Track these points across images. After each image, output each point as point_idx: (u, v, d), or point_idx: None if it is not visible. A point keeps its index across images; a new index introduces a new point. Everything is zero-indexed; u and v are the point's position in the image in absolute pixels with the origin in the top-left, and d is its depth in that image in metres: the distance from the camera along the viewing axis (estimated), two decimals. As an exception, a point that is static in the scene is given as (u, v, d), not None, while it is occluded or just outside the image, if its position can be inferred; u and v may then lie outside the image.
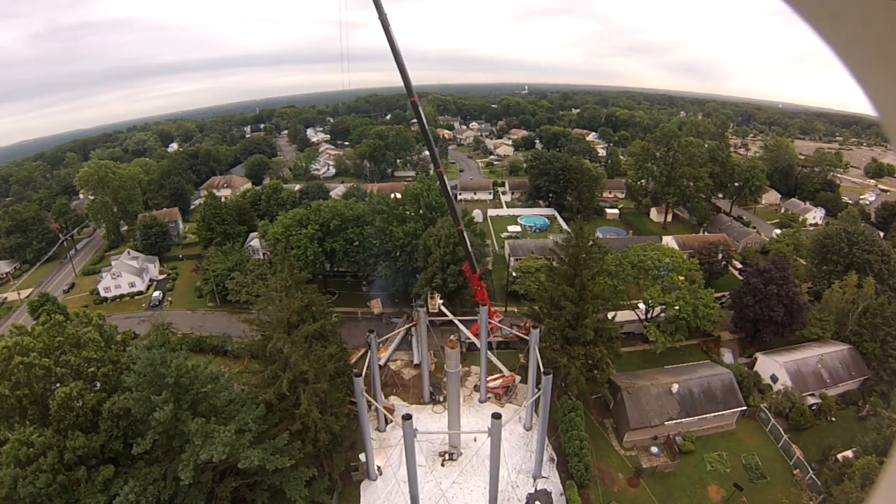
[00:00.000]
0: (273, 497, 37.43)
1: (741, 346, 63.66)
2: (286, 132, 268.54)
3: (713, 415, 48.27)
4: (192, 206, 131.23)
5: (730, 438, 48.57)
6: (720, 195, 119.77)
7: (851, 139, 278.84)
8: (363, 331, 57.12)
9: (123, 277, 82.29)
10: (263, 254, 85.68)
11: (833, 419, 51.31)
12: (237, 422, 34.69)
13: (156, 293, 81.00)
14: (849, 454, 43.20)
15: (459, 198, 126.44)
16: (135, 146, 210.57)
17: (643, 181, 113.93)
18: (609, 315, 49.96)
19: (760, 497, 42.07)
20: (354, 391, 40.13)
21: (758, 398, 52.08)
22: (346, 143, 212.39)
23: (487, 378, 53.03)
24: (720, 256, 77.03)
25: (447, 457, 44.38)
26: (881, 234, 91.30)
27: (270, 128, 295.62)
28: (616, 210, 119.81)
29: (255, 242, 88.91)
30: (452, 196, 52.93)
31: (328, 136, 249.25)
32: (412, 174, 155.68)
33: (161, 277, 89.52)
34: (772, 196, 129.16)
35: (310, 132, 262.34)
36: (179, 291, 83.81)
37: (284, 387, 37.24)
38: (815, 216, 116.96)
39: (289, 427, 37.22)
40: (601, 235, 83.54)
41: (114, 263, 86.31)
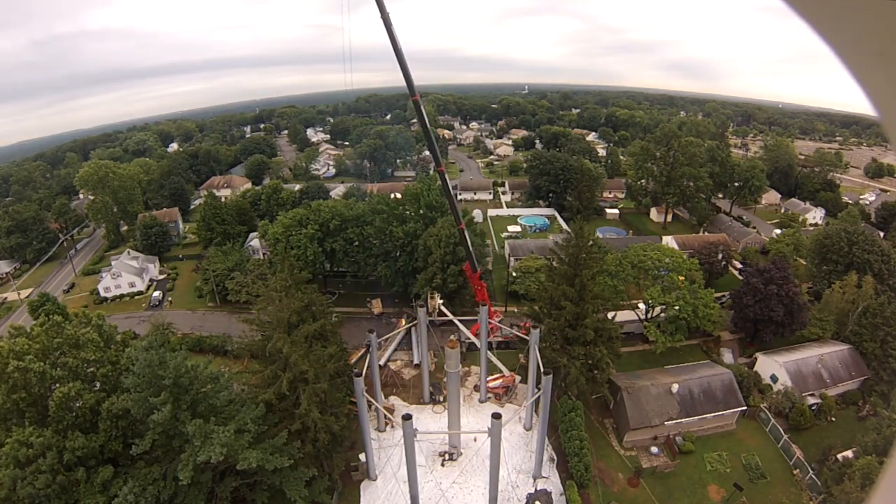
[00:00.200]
0: (273, 497, 37.41)
1: (741, 346, 63.65)
2: (286, 132, 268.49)
3: (713, 415, 48.27)
4: (192, 206, 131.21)
5: (730, 438, 48.57)
6: (720, 195, 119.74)
7: (851, 139, 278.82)
8: (363, 331, 57.17)
9: (123, 277, 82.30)
10: (263, 254, 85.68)
11: (833, 419, 51.32)
12: (237, 422, 34.65)
13: (156, 293, 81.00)
14: (849, 454, 43.17)
15: (459, 198, 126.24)
16: (135, 146, 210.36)
17: (643, 181, 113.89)
18: (609, 315, 49.95)
19: (760, 497, 42.08)
20: (354, 391, 40.15)
21: (758, 398, 52.07)
22: (346, 143, 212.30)
23: (487, 378, 53.02)
24: (720, 256, 77.02)
25: (447, 457, 44.36)
26: (881, 234, 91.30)
27: (270, 128, 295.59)
28: (616, 210, 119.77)
29: (255, 242, 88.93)
30: (453, 196, 52.92)
31: (328, 136, 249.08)
32: (412, 174, 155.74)
33: (161, 277, 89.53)
34: (772, 196, 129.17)
35: (310, 132, 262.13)
36: (179, 291, 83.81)
37: (284, 387, 37.24)
38: (815, 216, 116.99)
39: (289, 427, 37.19)
40: (601, 235, 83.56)
41: (114, 263, 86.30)
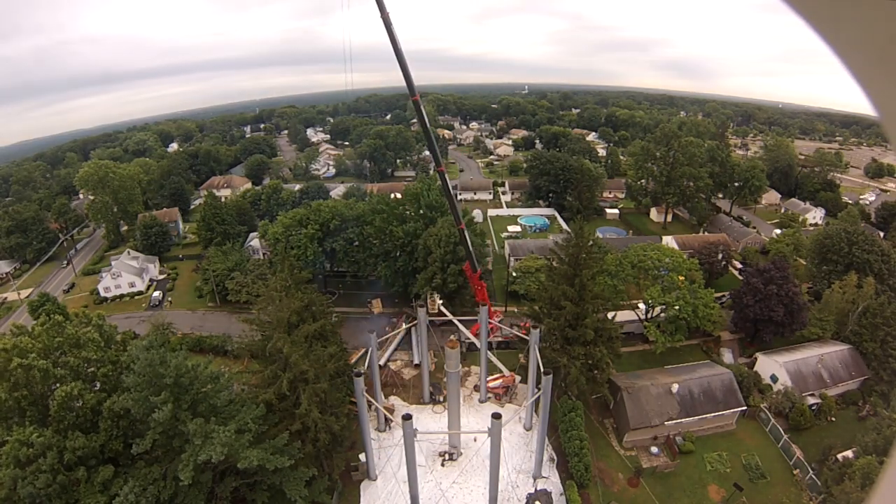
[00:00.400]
0: (273, 497, 37.40)
1: (741, 346, 63.65)
2: (286, 132, 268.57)
3: (713, 415, 48.27)
4: (192, 206, 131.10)
5: (730, 438, 48.58)
6: (720, 195, 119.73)
7: (851, 139, 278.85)
8: (363, 331, 57.17)
9: (123, 277, 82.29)
10: (263, 254, 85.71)
11: (833, 419, 51.33)
12: (237, 422, 34.65)
13: (156, 293, 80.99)
14: (849, 454, 43.17)
15: (459, 198, 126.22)
16: (135, 146, 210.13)
17: (643, 181, 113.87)
18: (609, 315, 49.93)
19: (760, 497, 42.09)
20: (354, 391, 40.16)
21: (758, 398, 52.08)
22: (346, 143, 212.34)
23: (487, 378, 53.02)
24: (720, 256, 77.04)
25: (447, 457, 44.37)
26: (881, 234, 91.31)
27: (270, 128, 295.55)
28: (616, 210, 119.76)
29: (255, 242, 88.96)
30: (453, 196, 52.99)
31: (328, 136, 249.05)
32: (412, 174, 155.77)
33: (161, 277, 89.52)
34: (772, 196, 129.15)
35: (310, 132, 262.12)
36: (179, 291, 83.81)
37: (284, 387, 37.23)
38: (815, 216, 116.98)
39: (289, 427, 37.20)
40: (601, 235, 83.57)
41: (114, 263, 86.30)
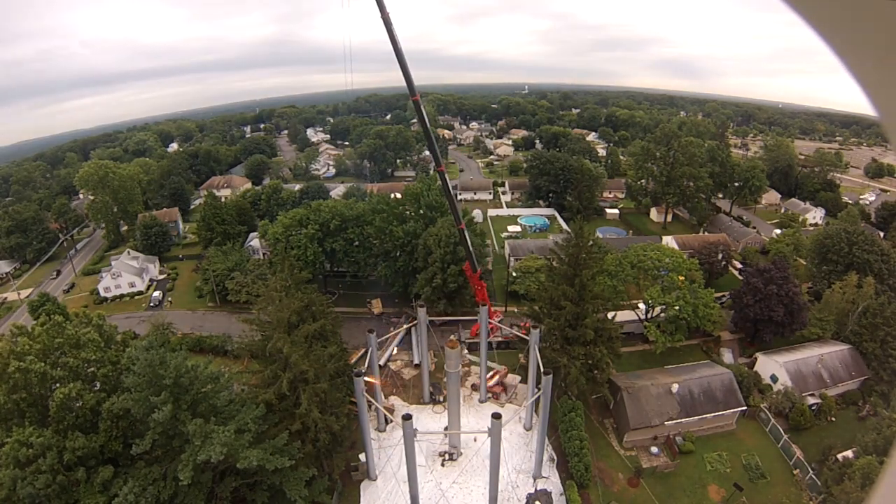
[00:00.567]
0: (273, 497, 37.39)
1: (741, 346, 63.64)
2: (286, 132, 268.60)
3: (713, 415, 48.27)
4: (192, 206, 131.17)
5: (730, 438, 48.58)
6: (720, 195, 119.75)
7: (851, 139, 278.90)
8: (363, 331, 57.11)
9: (123, 277, 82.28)
10: (263, 254, 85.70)
11: (833, 419, 51.33)
12: (237, 422, 34.65)
13: (156, 293, 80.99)
14: (849, 454, 43.17)
15: (459, 198, 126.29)
16: (135, 146, 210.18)
17: (643, 181, 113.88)
18: (609, 315, 49.93)
19: (760, 497, 42.08)
20: (354, 391, 40.15)
21: (758, 398, 52.08)
22: (346, 143, 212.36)
23: (491, 384, 53.00)
24: (720, 256, 77.04)
25: (447, 457, 44.36)
26: (881, 234, 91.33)
27: (270, 128, 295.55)
28: (616, 210, 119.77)
29: (255, 242, 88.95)
30: (453, 196, 53.01)
31: (328, 136, 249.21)
32: (412, 174, 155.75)
33: (161, 277, 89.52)
34: (772, 196, 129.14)
35: (310, 132, 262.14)
36: (179, 291, 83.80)
37: (284, 387, 37.24)
38: (815, 216, 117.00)
39: (289, 427, 37.19)
40: (601, 235, 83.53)
41: (114, 263, 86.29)
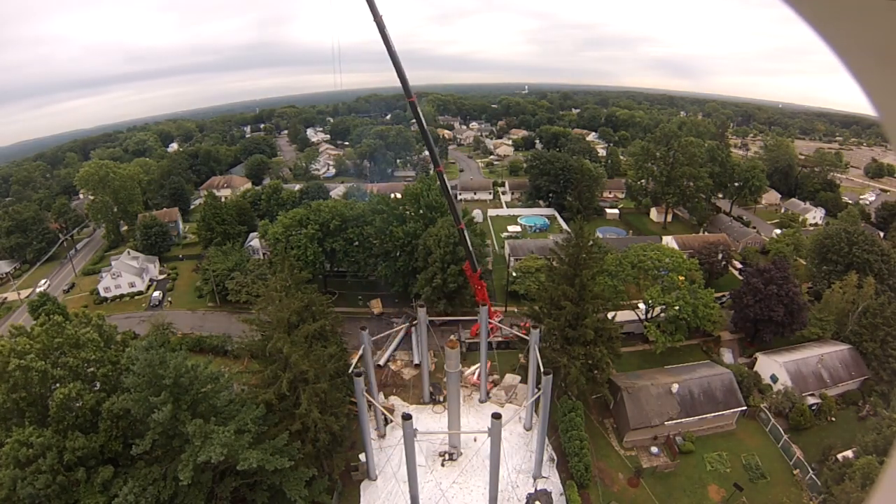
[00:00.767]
0: (273, 497, 37.38)
1: (741, 346, 63.64)
2: (286, 132, 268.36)
3: (713, 415, 48.27)
4: (192, 206, 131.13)
5: (730, 438, 48.58)
6: (720, 195, 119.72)
7: (851, 139, 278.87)
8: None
9: (123, 277, 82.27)
10: (263, 254, 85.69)
11: (833, 419, 51.33)
12: (237, 422, 34.65)
13: (156, 293, 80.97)
14: (849, 454, 43.18)
15: (459, 198, 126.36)
16: (135, 146, 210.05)
17: (643, 181, 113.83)
18: (609, 315, 49.94)
19: (760, 497, 42.08)
20: (354, 391, 40.15)
21: (758, 398, 52.08)
22: (346, 143, 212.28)
23: (467, 374, 54.04)
24: (720, 256, 77.04)
25: (447, 457, 44.37)
26: (881, 234, 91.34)
27: (270, 128, 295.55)
28: (616, 210, 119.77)
29: (255, 242, 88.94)
30: (452, 196, 53.10)
31: (328, 136, 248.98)
32: (412, 174, 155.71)
33: (161, 277, 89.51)
34: (772, 196, 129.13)
35: (310, 132, 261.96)
36: (179, 291, 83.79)
37: (284, 387, 37.22)
38: (815, 216, 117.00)
39: (289, 427, 37.17)
40: (601, 235, 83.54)
41: (114, 263, 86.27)
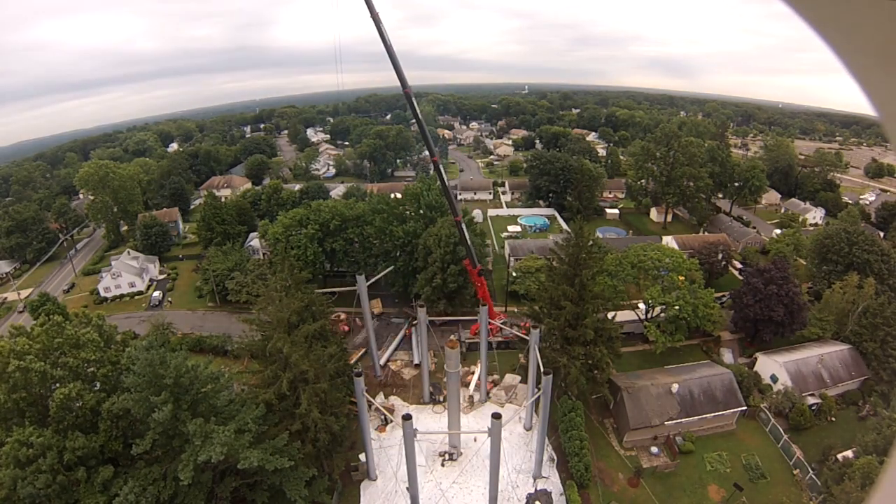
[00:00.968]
0: (273, 497, 37.42)
1: (741, 346, 63.63)
2: (286, 132, 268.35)
3: (713, 415, 48.27)
4: (192, 206, 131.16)
5: (730, 438, 48.59)
6: (720, 195, 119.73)
7: (851, 139, 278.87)
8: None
9: (123, 277, 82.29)
10: (263, 254, 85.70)
11: (833, 419, 51.32)
12: (237, 422, 34.65)
13: (156, 293, 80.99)
14: (849, 454, 43.20)
15: (459, 198, 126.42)
16: (135, 146, 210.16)
17: (643, 181, 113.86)
18: (609, 315, 49.94)
19: (760, 497, 42.09)
20: (354, 391, 40.16)
21: (758, 398, 52.07)
22: (346, 143, 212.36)
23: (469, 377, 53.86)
24: (720, 256, 77.03)
25: (447, 457, 44.39)
26: (881, 234, 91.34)
27: (270, 128, 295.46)
28: (616, 210, 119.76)
29: (255, 242, 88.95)
30: (453, 196, 53.38)
31: (328, 136, 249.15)
32: (412, 174, 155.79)
33: (161, 277, 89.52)
34: (772, 196, 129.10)
35: (310, 132, 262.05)
36: (179, 291, 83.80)
37: (284, 387, 37.22)
38: (815, 216, 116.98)
39: (289, 427, 37.20)
40: (601, 235, 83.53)
41: (114, 263, 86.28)
